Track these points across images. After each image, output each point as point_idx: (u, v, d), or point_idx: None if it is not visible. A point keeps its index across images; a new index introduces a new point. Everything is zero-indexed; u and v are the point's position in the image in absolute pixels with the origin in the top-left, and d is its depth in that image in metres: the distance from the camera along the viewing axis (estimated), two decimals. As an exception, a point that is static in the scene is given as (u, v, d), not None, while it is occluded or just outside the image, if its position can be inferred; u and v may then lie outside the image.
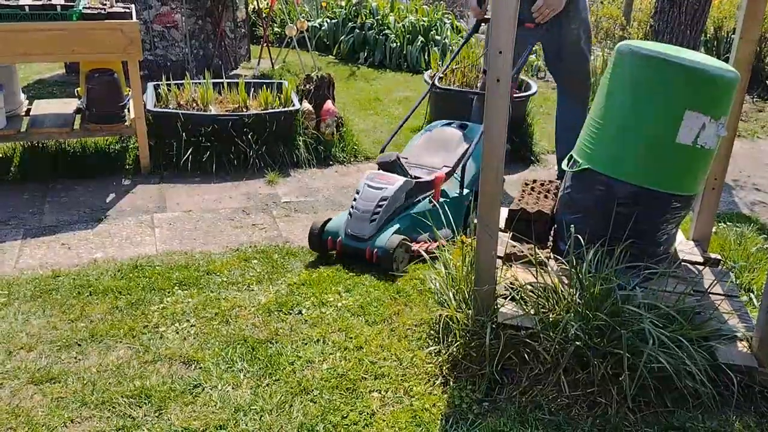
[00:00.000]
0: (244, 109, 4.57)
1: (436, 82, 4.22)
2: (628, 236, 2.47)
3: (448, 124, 3.94)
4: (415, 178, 3.50)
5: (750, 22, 2.70)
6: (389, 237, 3.17)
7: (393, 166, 3.48)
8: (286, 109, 4.55)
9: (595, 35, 7.61)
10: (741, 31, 2.71)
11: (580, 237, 2.45)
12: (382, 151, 3.81)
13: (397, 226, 3.28)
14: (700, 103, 2.37)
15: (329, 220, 3.40)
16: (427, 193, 3.46)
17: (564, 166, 2.77)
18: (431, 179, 3.47)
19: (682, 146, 2.41)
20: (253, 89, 4.81)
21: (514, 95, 3.79)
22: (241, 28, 6.97)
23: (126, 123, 4.30)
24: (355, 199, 3.35)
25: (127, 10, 4.17)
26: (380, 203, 3.27)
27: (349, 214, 3.32)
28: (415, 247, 3.22)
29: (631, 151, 2.49)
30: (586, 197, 2.62)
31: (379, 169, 3.50)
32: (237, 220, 3.80)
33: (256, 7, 7.57)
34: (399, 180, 3.35)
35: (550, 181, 3.13)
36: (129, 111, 4.37)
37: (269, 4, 7.55)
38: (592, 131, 2.60)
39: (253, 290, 2.98)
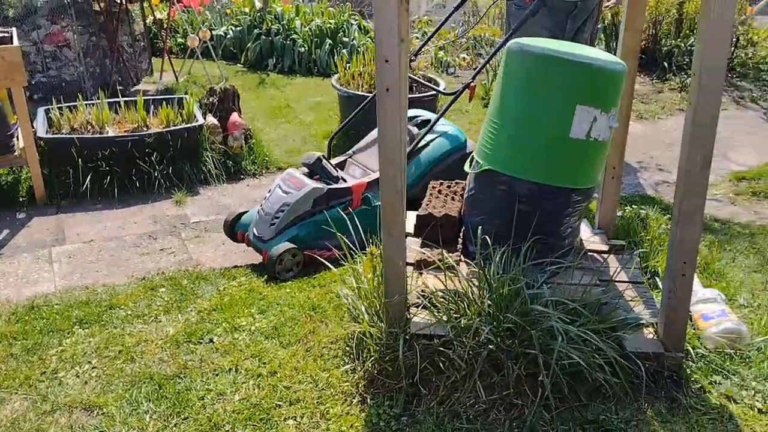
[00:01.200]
0: (145, 128, 4.38)
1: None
2: (532, 233, 2.48)
3: (411, 119, 3.87)
4: (342, 180, 3.46)
5: (634, 13, 2.76)
6: (280, 243, 3.23)
7: (314, 167, 3.49)
8: (189, 125, 4.39)
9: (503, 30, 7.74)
10: (626, 22, 2.77)
11: (487, 238, 2.45)
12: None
13: (295, 232, 3.29)
14: (589, 97, 2.40)
15: (245, 212, 3.50)
16: (344, 199, 3.40)
17: (466, 168, 2.76)
18: (348, 186, 3.42)
19: (576, 141, 2.43)
20: (153, 106, 4.62)
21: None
22: (141, 42, 6.70)
23: (15, 153, 4.05)
24: (265, 198, 3.41)
25: (6, 34, 3.92)
26: (282, 208, 3.30)
27: (258, 213, 3.40)
28: (324, 254, 3.20)
29: (528, 149, 2.50)
30: (489, 198, 2.62)
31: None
32: (143, 247, 3.63)
33: (156, 19, 7.30)
34: (307, 186, 3.34)
35: (457, 183, 3.12)
36: (18, 140, 4.11)
37: (169, 15, 7.30)
38: (491, 132, 2.60)
39: (160, 321, 2.84)
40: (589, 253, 2.81)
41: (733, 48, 7.16)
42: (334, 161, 3.74)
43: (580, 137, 2.43)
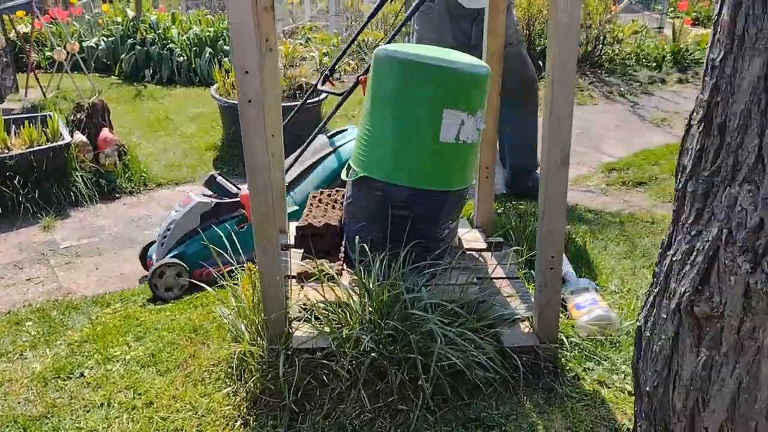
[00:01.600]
0: (6, 150, 4.08)
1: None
2: (409, 237, 2.49)
3: (332, 135, 3.84)
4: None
5: (495, 17, 2.84)
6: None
7: (210, 185, 3.43)
8: (54, 144, 4.13)
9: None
10: (488, 27, 2.85)
11: (365, 246, 2.43)
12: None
13: (182, 249, 3.20)
14: (455, 101, 2.44)
15: (154, 242, 3.37)
16: (237, 214, 3.30)
17: (343, 175, 2.74)
18: (237, 199, 3.32)
19: (446, 144, 2.47)
20: (15, 126, 4.31)
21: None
22: (3, 57, 6.26)
23: None
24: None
25: None
26: (169, 227, 3.22)
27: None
28: (204, 273, 3.10)
29: (399, 155, 2.51)
30: (366, 205, 2.61)
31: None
32: (8, 278, 3.37)
33: (19, 33, 6.84)
34: (192, 201, 3.26)
35: (337, 191, 3.10)
36: None
37: (33, 27, 6.86)
38: (364, 138, 2.59)
39: (26, 358, 2.64)
40: (468, 252, 2.87)
41: (600, 45, 7.57)
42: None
43: (450, 141, 2.46)
